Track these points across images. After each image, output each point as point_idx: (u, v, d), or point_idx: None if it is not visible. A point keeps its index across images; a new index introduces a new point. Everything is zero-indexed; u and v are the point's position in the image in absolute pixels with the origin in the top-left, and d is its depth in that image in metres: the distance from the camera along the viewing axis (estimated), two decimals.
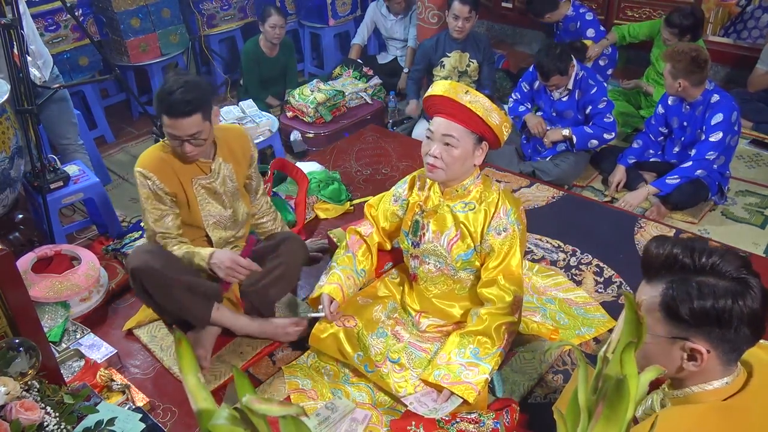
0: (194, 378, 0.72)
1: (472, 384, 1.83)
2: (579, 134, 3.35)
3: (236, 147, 2.18)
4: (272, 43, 4.21)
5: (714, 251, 1.11)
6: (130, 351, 2.26)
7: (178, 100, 1.87)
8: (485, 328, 1.88)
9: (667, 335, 1.13)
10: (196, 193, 2.10)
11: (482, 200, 1.94)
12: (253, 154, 2.25)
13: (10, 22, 2.48)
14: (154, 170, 2.03)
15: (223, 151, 2.14)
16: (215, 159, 2.12)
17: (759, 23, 4.35)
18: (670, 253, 1.13)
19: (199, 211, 2.13)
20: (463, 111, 1.80)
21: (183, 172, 2.07)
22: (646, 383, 1.01)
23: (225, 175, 2.15)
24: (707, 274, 1.10)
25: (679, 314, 1.09)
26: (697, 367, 1.12)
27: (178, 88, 1.87)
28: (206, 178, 2.11)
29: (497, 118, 1.82)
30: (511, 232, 1.91)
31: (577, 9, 4.13)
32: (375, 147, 3.68)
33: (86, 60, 4.12)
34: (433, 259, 2.04)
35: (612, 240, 2.78)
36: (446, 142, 1.84)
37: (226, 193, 2.16)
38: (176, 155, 2.06)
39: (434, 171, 1.88)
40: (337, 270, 2.07)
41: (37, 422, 1.45)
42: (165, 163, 2.05)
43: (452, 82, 1.87)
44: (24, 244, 2.68)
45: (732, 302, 1.06)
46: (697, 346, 1.10)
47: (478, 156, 1.89)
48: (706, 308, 1.07)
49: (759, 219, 3.11)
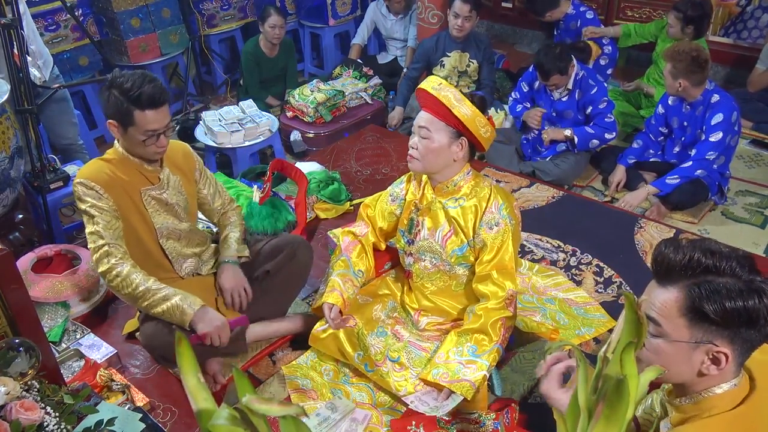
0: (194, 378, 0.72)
1: (470, 381, 1.83)
2: (580, 134, 3.35)
3: (180, 161, 2.11)
4: (272, 43, 4.21)
5: (730, 254, 1.11)
6: (130, 351, 2.26)
7: (155, 90, 1.84)
8: (481, 325, 1.89)
9: (689, 340, 1.11)
10: (146, 204, 2.01)
11: (473, 195, 1.96)
12: (198, 168, 2.17)
13: (10, 22, 2.48)
14: (99, 181, 1.91)
15: (169, 163, 2.07)
16: (162, 169, 2.04)
17: (759, 23, 4.35)
18: (692, 257, 1.11)
19: (152, 224, 2.04)
20: (435, 102, 1.85)
21: (130, 185, 1.97)
22: (646, 383, 1.01)
23: (174, 187, 2.07)
24: (727, 276, 1.09)
25: (708, 316, 1.08)
26: (719, 370, 1.11)
27: (143, 82, 1.84)
28: (155, 189, 2.02)
29: (467, 111, 1.83)
30: (503, 227, 1.92)
31: (577, 8, 4.13)
32: (375, 147, 3.68)
33: (86, 60, 4.12)
34: (428, 256, 2.05)
35: (612, 240, 2.78)
36: (422, 134, 1.89)
37: (178, 204, 2.08)
38: (144, 155, 1.96)
39: (411, 161, 1.95)
40: (335, 276, 2.07)
41: (37, 422, 1.45)
42: (109, 177, 1.94)
43: (432, 76, 1.91)
44: (24, 244, 2.68)
45: (758, 302, 1.06)
46: (722, 349, 1.09)
47: (456, 151, 1.90)
48: (737, 308, 1.06)
49: (759, 219, 3.11)
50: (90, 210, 1.91)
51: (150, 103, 1.85)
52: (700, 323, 1.10)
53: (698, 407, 1.15)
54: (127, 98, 1.83)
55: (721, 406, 1.13)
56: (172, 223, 2.08)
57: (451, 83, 4.15)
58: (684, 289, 1.11)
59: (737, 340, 1.09)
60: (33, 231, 2.78)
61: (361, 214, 2.22)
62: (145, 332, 2.06)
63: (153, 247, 2.08)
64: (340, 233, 2.24)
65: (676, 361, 1.13)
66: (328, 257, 2.63)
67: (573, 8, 4.13)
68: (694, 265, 1.11)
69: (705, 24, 3.63)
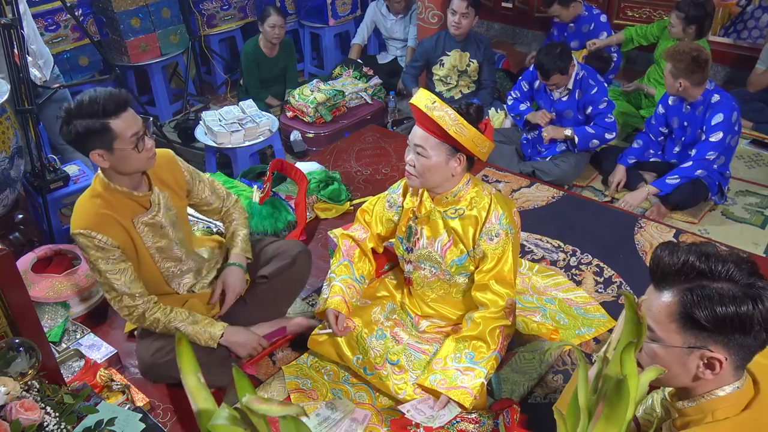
0: (194, 378, 0.72)
1: (468, 388, 1.83)
2: (581, 134, 3.35)
3: (166, 175, 2.01)
4: (272, 43, 4.21)
5: (727, 258, 1.10)
6: (130, 351, 2.26)
7: (111, 94, 1.74)
8: (480, 332, 1.89)
9: (684, 345, 1.10)
10: (140, 232, 1.93)
11: (473, 206, 1.92)
12: (187, 175, 2.08)
13: (10, 22, 2.48)
14: (94, 226, 1.82)
15: (156, 181, 1.97)
16: (152, 190, 1.95)
17: (759, 23, 4.35)
18: (686, 261, 1.10)
19: (148, 253, 1.97)
20: (431, 122, 1.77)
21: (123, 215, 1.88)
22: (646, 383, 1.01)
23: (164, 206, 1.98)
24: (722, 281, 1.08)
25: (699, 322, 1.07)
26: (715, 375, 1.10)
27: (95, 95, 1.73)
28: (147, 214, 1.93)
29: (464, 132, 1.76)
30: (503, 237, 1.90)
31: (590, 10, 4.13)
32: (375, 147, 3.68)
33: (86, 60, 4.12)
34: (428, 265, 2.03)
35: (612, 240, 2.78)
36: (417, 151, 1.84)
37: (170, 222, 2.00)
38: (140, 168, 1.86)
39: (410, 178, 1.90)
40: (337, 282, 2.07)
41: (37, 422, 1.45)
42: (103, 216, 1.84)
43: (424, 91, 1.82)
44: (24, 244, 2.68)
45: (753, 307, 1.04)
46: (716, 355, 1.08)
47: (454, 167, 1.85)
48: (728, 314, 1.05)
49: (759, 219, 3.11)
50: (97, 264, 1.87)
51: (118, 106, 1.75)
52: (692, 329, 1.09)
53: (700, 410, 1.15)
54: (94, 116, 1.72)
55: (723, 409, 1.13)
56: (166, 245, 2.01)
57: (450, 82, 4.17)
58: (678, 294, 1.10)
59: (732, 345, 1.08)
60: (33, 231, 2.78)
61: (358, 218, 2.21)
62: (145, 368, 2.08)
63: (149, 269, 2.02)
64: (340, 235, 2.23)
65: (671, 366, 1.12)
66: (327, 257, 2.63)
67: (586, 10, 4.12)
68: (688, 269, 1.10)
69: (707, 24, 3.63)
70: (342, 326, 2.01)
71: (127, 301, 1.92)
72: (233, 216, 2.27)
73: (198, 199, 2.16)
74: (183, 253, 2.08)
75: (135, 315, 1.95)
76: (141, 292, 1.94)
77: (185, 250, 2.09)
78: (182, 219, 2.08)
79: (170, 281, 2.08)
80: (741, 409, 1.12)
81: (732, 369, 1.11)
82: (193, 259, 2.15)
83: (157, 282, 2.05)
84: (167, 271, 2.06)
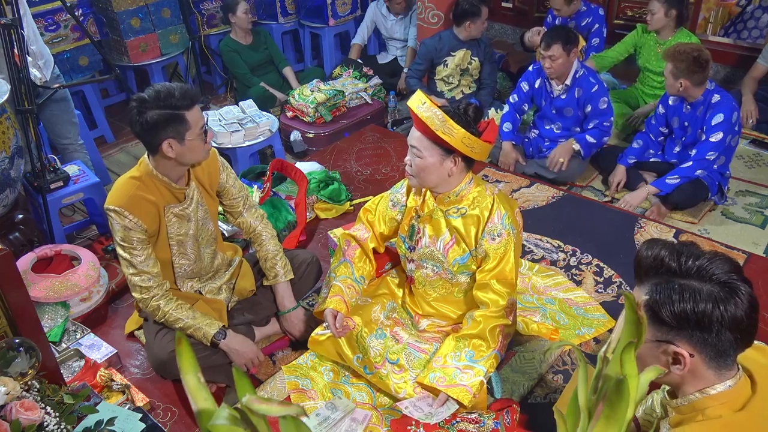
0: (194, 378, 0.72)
1: (467, 386, 1.83)
2: (584, 145, 3.35)
3: (203, 171, 2.04)
4: (244, 30, 4.30)
5: (702, 255, 1.12)
6: (130, 351, 2.26)
7: (183, 87, 1.80)
8: (480, 331, 1.89)
9: (652, 338, 1.13)
10: (167, 221, 1.97)
11: (476, 205, 1.93)
12: (222, 179, 2.11)
13: (10, 22, 2.48)
14: (128, 206, 1.87)
15: (194, 177, 2.02)
16: (189, 185, 2.00)
17: (759, 23, 4.35)
18: (657, 256, 1.14)
19: (168, 244, 2.01)
20: (421, 122, 1.78)
21: (157, 201, 1.93)
22: (646, 383, 1.01)
23: (197, 201, 2.03)
24: (692, 278, 1.10)
25: (662, 317, 1.10)
26: (681, 371, 1.12)
27: (167, 87, 1.79)
28: (179, 206, 1.98)
29: (452, 133, 1.76)
30: (505, 237, 1.91)
31: (588, 5, 4.14)
32: (375, 147, 3.68)
33: (86, 60, 4.12)
34: (430, 264, 2.04)
35: (612, 240, 2.78)
36: (413, 152, 1.86)
37: (197, 219, 2.05)
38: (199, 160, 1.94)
39: (409, 177, 1.93)
40: (337, 281, 2.07)
41: (37, 422, 1.45)
42: (138, 197, 1.89)
43: (418, 92, 1.83)
44: (24, 244, 2.68)
45: (712, 306, 1.06)
46: (679, 350, 1.10)
47: (450, 167, 1.85)
48: (686, 311, 1.07)
49: (759, 219, 3.11)
50: (124, 239, 1.90)
51: (191, 99, 1.81)
52: (657, 323, 1.12)
53: (692, 407, 1.16)
54: (169, 106, 1.77)
55: (715, 407, 1.13)
56: (186, 239, 2.04)
57: (453, 82, 4.16)
58: (648, 288, 1.14)
59: (696, 342, 1.10)
60: (33, 231, 2.78)
61: (360, 218, 2.21)
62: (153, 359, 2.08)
63: (164, 260, 2.04)
64: (341, 236, 2.23)
65: (646, 359, 1.15)
66: (328, 257, 2.63)
67: (584, 5, 4.13)
68: (657, 264, 1.13)
69: (685, 7, 3.64)
70: (341, 326, 2.01)
71: (144, 280, 1.95)
72: (263, 236, 2.23)
73: (226, 187, 2.15)
74: (198, 255, 2.10)
75: (147, 297, 1.96)
76: (158, 272, 1.98)
77: (202, 252, 2.11)
78: (211, 217, 2.13)
79: (177, 279, 2.11)
80: (737, 409, 1.12)
81: (708, 368, 1.12)
82: (208, 263, 2.17)
83: (166, 276, 2.07)
84: (180, 269, 2.09)
